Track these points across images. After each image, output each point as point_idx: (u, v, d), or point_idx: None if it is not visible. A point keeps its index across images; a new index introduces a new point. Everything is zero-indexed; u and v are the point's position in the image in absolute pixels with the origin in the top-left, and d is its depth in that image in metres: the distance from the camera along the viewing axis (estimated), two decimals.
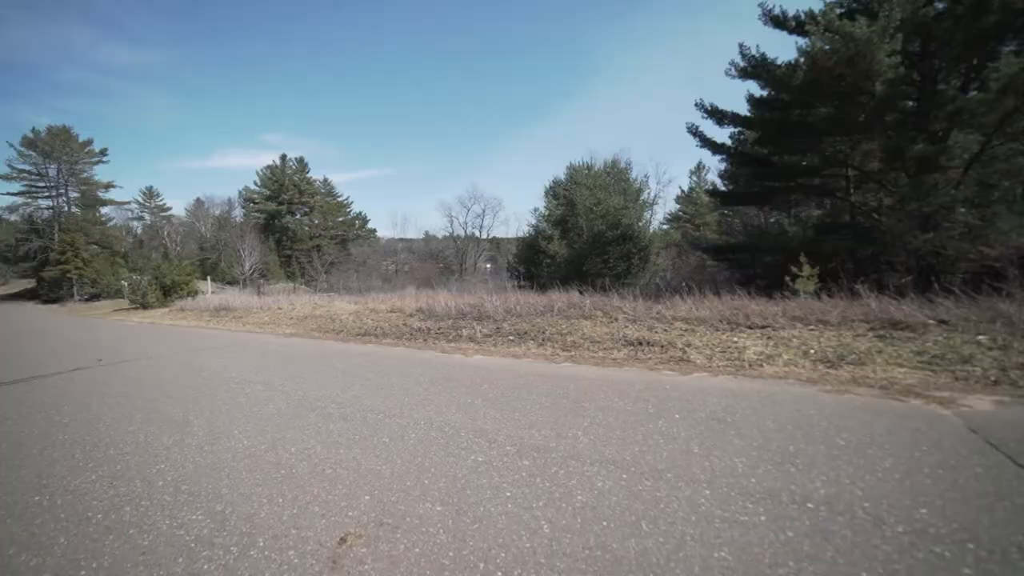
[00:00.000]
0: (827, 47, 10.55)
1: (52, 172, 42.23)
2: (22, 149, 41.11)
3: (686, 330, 7.13)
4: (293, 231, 55.61)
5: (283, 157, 58.16)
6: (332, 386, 5.39)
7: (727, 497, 2.55)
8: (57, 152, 41.47)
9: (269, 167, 58.00)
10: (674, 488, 2.68)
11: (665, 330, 7.22)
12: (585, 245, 24.08)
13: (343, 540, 2.37)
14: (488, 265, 55.63)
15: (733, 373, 5.12)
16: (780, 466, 2.88)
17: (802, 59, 11.63)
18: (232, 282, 42.17)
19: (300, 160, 58.89)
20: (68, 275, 37.46)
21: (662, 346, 6.41)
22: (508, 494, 2.71)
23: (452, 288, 21.57)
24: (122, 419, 4.56)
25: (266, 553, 2.30)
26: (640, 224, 25.50)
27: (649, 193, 29.67)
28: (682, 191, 48.71)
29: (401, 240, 61.69)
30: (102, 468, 3.43)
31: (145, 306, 23.68)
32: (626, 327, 7.64)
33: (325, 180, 61.27)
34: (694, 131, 15.96)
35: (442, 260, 55.18)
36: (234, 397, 5.13)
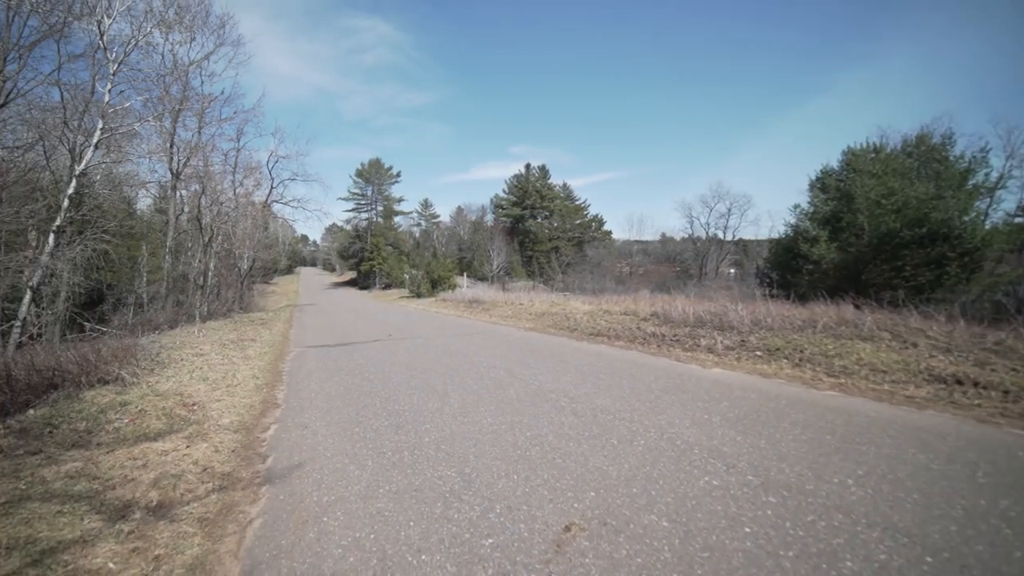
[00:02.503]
0: None
1: (369, 192, 59.48)
2: (355, 178, 59.53)
3: None
4: (534, 233, 62.39)
5: (527, 166, 65.92)
6: (565, 381, 5.83)
7: None
8: (372, 178, 58.33)
9: (515, 175, 66.65)
10: None
11: (1015, 369, 5.06)
12: (866, 248, 18.83)
13: (568, 528, 2.54)
14: (732, 270, 50.09)
15: None
16: None
17: None
18: (482, 278, 50.30)
19: (542, 168, 65.57)
20: (373, 269, 52.00)
21: (1005, 391, 4.53)
22: (747, 530, 2.41)
23: (690, 293, 20.30)
24: (403, 383, 6.03)
25: (501, 519, 2.67)
26: (966, 218, 18.13)
27: (988, 174, 20.73)
28: None
29: (636, 242, 61.69)
30: (391, 417, 4.63)
31: (419, 295, 30.75)
32: (932, 356, 5.69)
33: (564, 185, 66.50)
34: None
35: (679, 263, 52.52)
36: (481, 379, 6.13)
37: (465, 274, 39.89)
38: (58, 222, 13.88)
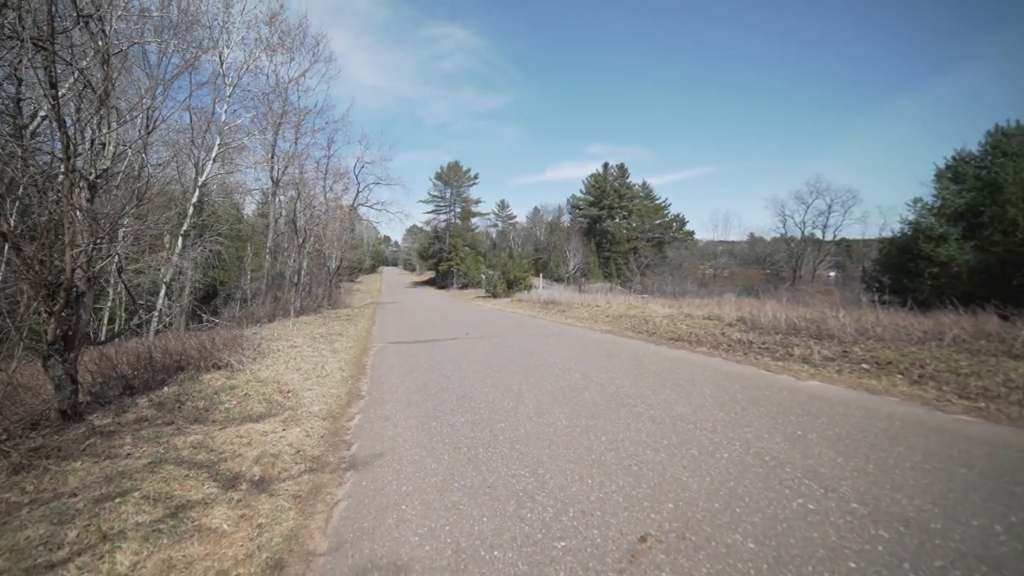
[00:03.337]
0: None
1: (448, 195, 61.68)
2: (434, 181, 62.06)
3: None
4: (612, 234, 61.18)
5: (605, 165, 64.76)
6: (643, 386, 5.65)
7: None
8: (451, 180, 60.42)
9: (593, 175, 65.75)
10: None
11: None
12: (1017, 247, 16.02)
13: (643, 539, 2.46)
14: (832, 273, 45.41)
15: None
16: None
17: None
18: (558, 279, 50.20)
19: (620, 166, 64.09)
20: (451, 269, 53.81)
21: None
22: (852, 565, 2.17)
23: (781, 298, 18.71)
24: (479, 381, 6.18)
25: (574, 523, 2.65)
26: None
27: None
28: None
29: (721, 243, 58.13)
30: (467, 414, 4.77)
31: (495, 295, 31.31)
32: None
33: (643, 184, 64.57)
34: None
35: (769, 265, 48.64)
36: (556, 380, 6.12)
37: (541, 275, 40.09)
38: (185, 227, 16.04)
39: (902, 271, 20.84)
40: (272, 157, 20.75)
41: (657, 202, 63.99)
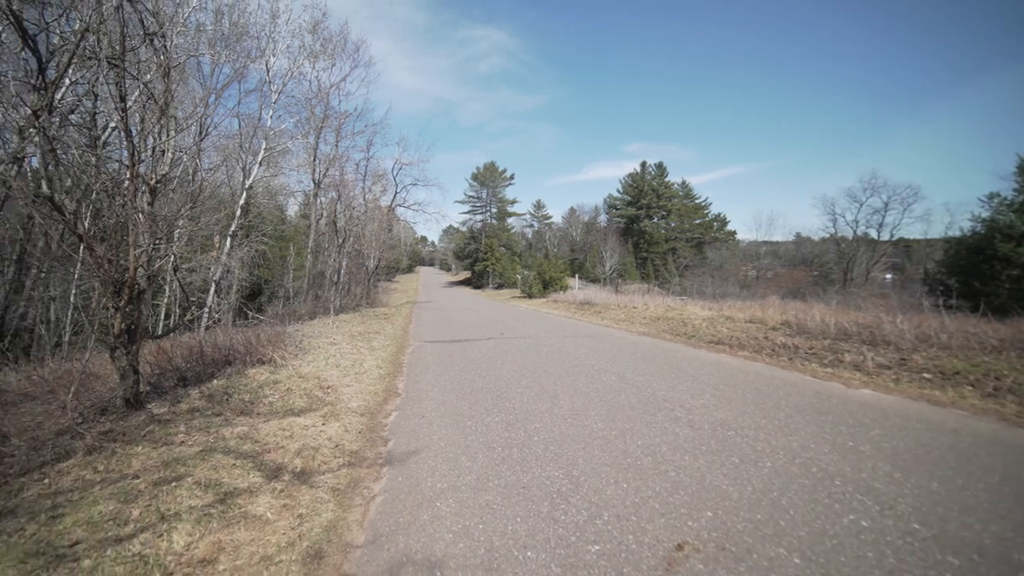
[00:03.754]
0: None
1: (484, 195, 62.23)
2: (471, 182, 62.76)
3: None
4: (650, 234, 60.08)
5: (643, 164, 63.64)
6: (681, 390, 5.53)
7: None
8: (487, 181, 60.96)
9: (630, 174, 64.79)
10: None
11: None
12: None
13: (680, 547, 2.42)
14: (889, 275, 42.66)
15: None
16: None
17: None
18: (594, 280, 49.69)
19: (659, 165, 62.87)
20: (487, 269, 54.24)
21: None
22: None
23: (830, 301, 17.79)
24: (514, 381, 6.21)
25: (608, 527, 2.63)
26: None
27: None
28: None
29: (765, 243, 55.90)
30: (502, 414, 4.81)
31: (530, 296, 31.32)
32: None
33: (683, 183, 63.09)
34: None
35: (817, 266, 46.30)
36: (592, 382, 6.07)
37: (577, 275, 39.83)
38: (233, 228, 16.90)
39: (973, 273, 19.31)
40: (314, 160, 21.57)
41: (697, 201, 62.39)
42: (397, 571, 2.36)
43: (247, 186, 17.80)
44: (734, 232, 60.49)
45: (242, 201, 17.52)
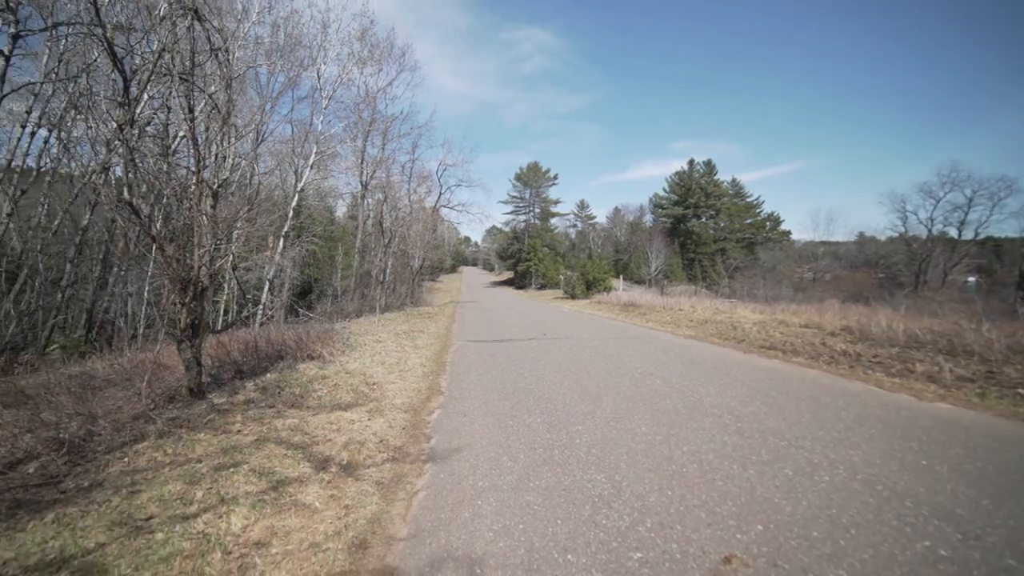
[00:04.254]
0: None
1: (527, 196, 62.34)
2: (514, 182, 63.05)
3: None
4: (697, 234, 58.31)
5: (690, 162, 61.86)
6: (729, 396, 5.33)
7: None
8: (530, 181, 61.03)
9: (677, 173, 63.09)
10: None
11: None
12: None
13: (728, 560, 2.33)
14: (972, 278, 39.14)
15: None
16: None
17: None
18: (639, 281, 48.76)
19: (707, 163, 60.92)
20: (530, 269, 54.32)
21: None
22: None
23: (899, 305, 16.57)
24: (556, 383, 6.19)
25: (652, 535, 2.57)
26: None
27: None
28: None
29: (823, 243, 52.76)
30: (544, 415, 4.80)
31: (573, 296, 31.10)
32: None
33: (733, 181, 60.89)
34: None
35: (884, 268, 43.23)
36: (636, 385, 5.96)
37: (621, 276, 39.16)
38: (285, 229, 17.79)
39: None
40: (361, 162, 22.35)
41: (748, 200, 59.95)
42: (438, 566, 2.41)
43: (299, 189, 18.69)
44: (788, 232, 57.73)
45: (294, 203, 18.41)
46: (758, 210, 59.48)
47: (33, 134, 13.24)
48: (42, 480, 3.20)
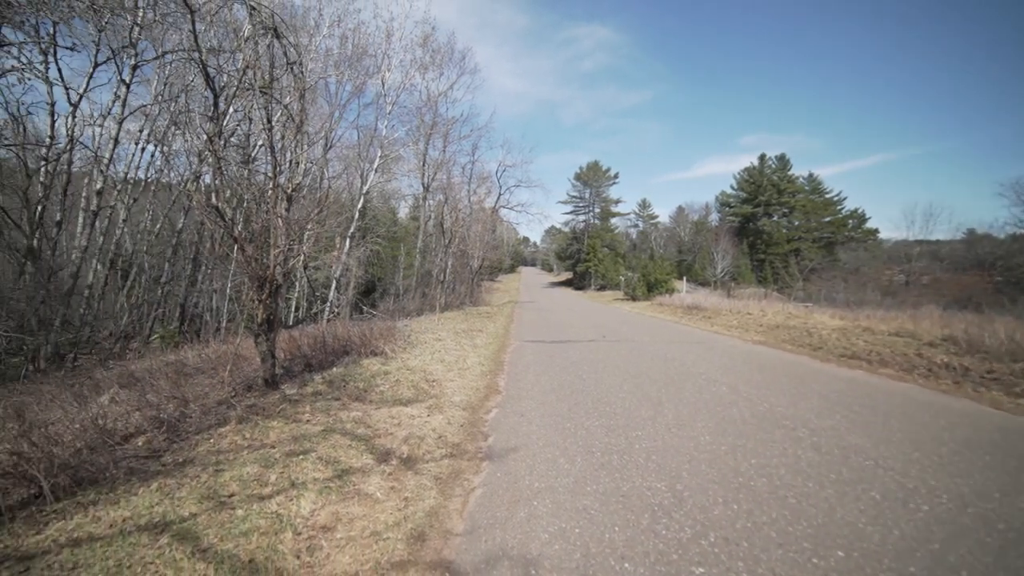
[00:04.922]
0: None
1: (587, 195, 61.62)
2: (573, 182, 62.59)
3: None
4: (768, 234, 54.99)
5: (762, 157, 58.41)
6: (804, 408, 4.98)
7: None
8: (590, 180, 60.25)
9: (747, 169, 59.86)
10: None
11: None
12: None
13: None
14: None
15: None
16: None
17: None
18: (703, 283, 46.74)
19: (781, 158, 57.24)
20: (589, 270, 53.63)
21: None
22: None
23: (1020, 313, 14.69)
24: (615, 386, 6.06)
25: (715, 550, 2.45)
26: None
27: None
28: None
29: (919, 242, 47.72)
30: (602, 418, 4.72)
31: (634, 298, 30.33)
32: None
33: (809, 175, 56.83)
34: None
35: (1002, 271, 38.41)
36: (700, 392, 5.71)
37: (684, 278, 37.76)
38: (351, 230, 18.77)
39: None
40: (423, 165, 23.10)
41: (827, 196, 55.65)
42: (493, 563, 2.43)
43: (364, 191, 19.66)
44: (875, 230, 52.83)
45: (360, 205, 19.38)
46: (839, 207, 55.05)
47: (143, 149, 15.54)
48: (148, 453, 3.61)
